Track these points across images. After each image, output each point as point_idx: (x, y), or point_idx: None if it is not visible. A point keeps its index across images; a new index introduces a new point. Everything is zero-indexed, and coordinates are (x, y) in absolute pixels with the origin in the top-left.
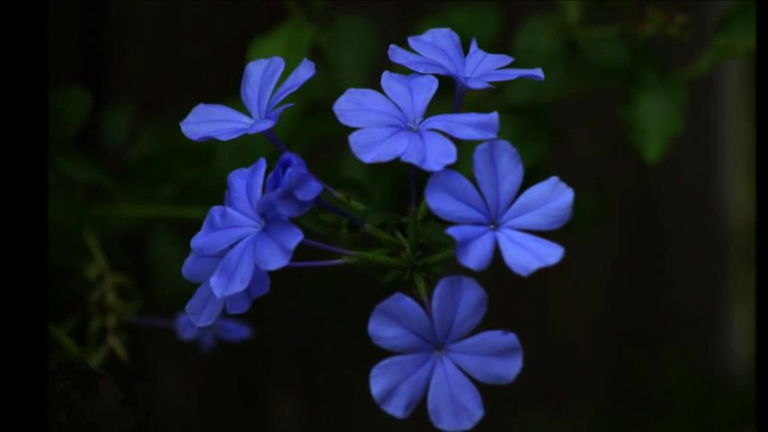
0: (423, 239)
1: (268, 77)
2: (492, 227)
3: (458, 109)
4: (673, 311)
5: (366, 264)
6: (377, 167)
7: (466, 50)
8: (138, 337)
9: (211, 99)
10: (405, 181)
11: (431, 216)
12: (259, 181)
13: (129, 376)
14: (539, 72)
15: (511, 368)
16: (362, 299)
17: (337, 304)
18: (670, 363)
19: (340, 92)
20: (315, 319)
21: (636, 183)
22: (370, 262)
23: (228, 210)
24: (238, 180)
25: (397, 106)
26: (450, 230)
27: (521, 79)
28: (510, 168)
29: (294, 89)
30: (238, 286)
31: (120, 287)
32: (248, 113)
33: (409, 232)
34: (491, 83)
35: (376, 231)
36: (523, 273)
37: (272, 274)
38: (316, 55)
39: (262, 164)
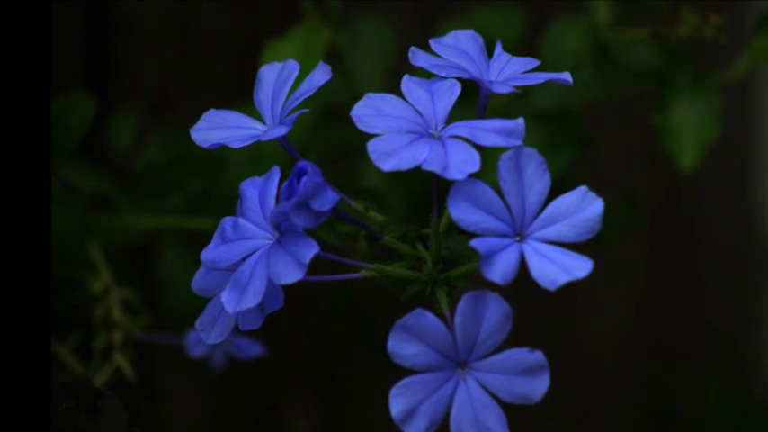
0: (445, 252)
1: (282, 82)
2: (517, 239)
3: (482, 115)
4: (706, 328)
5: (385, 277)
6: (397, 176)
7: (490, 53)
8: (145, 354)
9: (222, 104)
10: (426, 190)
11: (453, 227)
12: (273, 190)
13: (136, 396)
14: (567, 76)
15: (537, 387)
16: (381, 314)
17: (355, 320)
18: (704, 382)
19: (358, 97)
20: (331, 336)
21: (668, 192)
22: (389, 276)
23: (240, 221)
24: (251, 189)
25: (417, 112)
26: (474, 242)
27: (548, 83)
28: (536, 177)
29: (309, 94)
30: (251, 301)
31: (127, 302)
32: (261, 119)
33: (431, 244)
34: (517, 87)
35: (396, 243)
36: (551, 287)
37: (286, 288)
38: (332, 58)
39: (275, 172)
